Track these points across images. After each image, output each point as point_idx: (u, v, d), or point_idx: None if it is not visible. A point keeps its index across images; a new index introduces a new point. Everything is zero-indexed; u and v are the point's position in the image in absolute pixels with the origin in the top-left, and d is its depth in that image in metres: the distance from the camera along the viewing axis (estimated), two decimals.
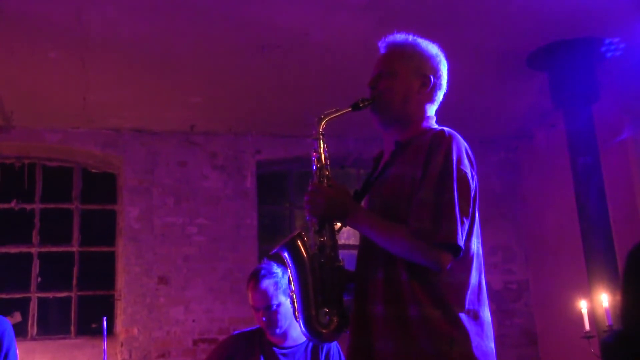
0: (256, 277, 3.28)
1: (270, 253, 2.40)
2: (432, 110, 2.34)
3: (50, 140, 6.54)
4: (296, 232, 2.29)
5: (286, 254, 2.26)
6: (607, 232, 5.38)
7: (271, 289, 3.24)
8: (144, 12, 4.70)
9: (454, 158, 2.07)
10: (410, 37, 2.36)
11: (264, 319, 3.27)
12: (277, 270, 3.30)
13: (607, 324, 4.90)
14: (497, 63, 5.63)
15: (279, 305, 3.25)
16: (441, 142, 2.10)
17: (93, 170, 6.90)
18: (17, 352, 3.45)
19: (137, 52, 5.22)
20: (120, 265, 6.57)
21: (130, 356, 6.24)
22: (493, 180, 7.37)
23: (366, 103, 2.29)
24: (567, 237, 6.44)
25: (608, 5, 4.81)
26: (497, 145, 7.51)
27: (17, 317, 6.32)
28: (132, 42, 5.07)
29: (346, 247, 6.39)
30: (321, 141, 2.31)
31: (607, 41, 5.28)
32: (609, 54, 5.37)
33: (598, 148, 5.50)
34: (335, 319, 2.19)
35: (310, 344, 3.31)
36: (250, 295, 3.31)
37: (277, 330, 3.28)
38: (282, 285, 3.27)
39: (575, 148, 5.55)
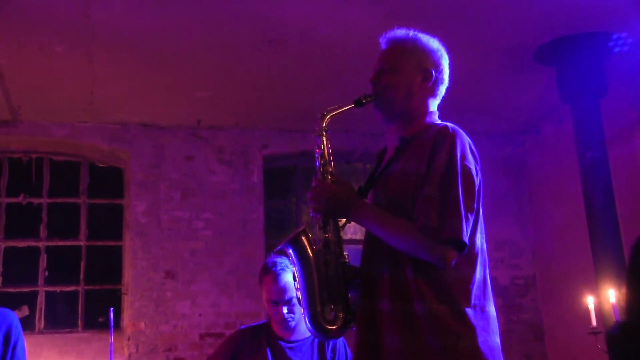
0: (274, 271, 3.27)
1: (274, 250, 2.40)
2: (434, 105, 2.35)
3: (58, 135, 6.57)
4: (301, 229, 2.29)
5: (291, 251, 2.26)
6: (615, 227, 5.37)
7: (291, 282, 3.25)
8: (151, 7, 4.71)
9: (458, 154, 2.08)
10: (411, 32, 2.36)
11: (284, 311, 3.26)
12: (291, 264, 3.31)
13: (614, 320, 4.89)
14: (504, 57, 5.61)
15: (297, 298, 3.25)
16: (445, 138, 2.11)
17: (100, 165, 6.92)
18: (25, 344, 3.47)
19: (145, 46, 5.22)
20: (127, 260, 6.59)
21: (137, 350, 6.27)
22: (500, 175, 7.35)
23: (369, 99, 2.29)
24: (574, 232, 6.42)
25: None
26: (503, 140, 7.49)
27: (25, 310, 6.35)
28: (139, 37, 5.08)
29: (352, 242, 6.41)
30: (324, 137, 2.31)
31: (615, 36, 5.26)
32: (616, 49, 5.35)
33: (605, 143, 5.48)
34: (341, 315, 2.19)
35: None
36: (268, 288, 3.29)
37: (292, 324, 3.29)
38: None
39: (582, 143, 5.53)
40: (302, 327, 3.29)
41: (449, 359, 2.00)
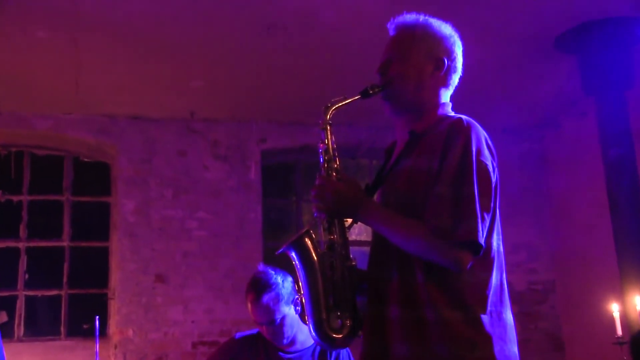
0: (255, 291, 3.27)
1: (276, 253, 2.40)
2: (447, 95, 2.34)
3: (40, 127, 6.57)
4: (304, 230, 2.28)
5: (293, 254, 2.26)
6: None
7: (272, 304, 3.25)
8: None
9: (474, 149, 2.07)
10: (421, 17, 2.34)
11: (268, 333, 3.29)
12: (277, 279, 3.29)
13: None
14: (522, 46, 5.60)
15: (283, 318, 3.26)
16: (459, 132, 2.10)
17: (85, 160, 6.93)
18: (4, 351, 3.51)
19: (134, 32, 5.22)
20: (114, 262, 6.61)
21: (124, 359, 6.27)
22: (517, 173, 7.34)
23: (376, 90, 2.28)
24: (597, 234, 6.42)
25: None
26: (521, 135, 7.49)
27: (3, 316, 6.36)
28: (129, 22, 5.08)
29: (357, 243, 6.40)
30: (328, 131, 2.31)
31: None
32: None
33: (632, 138, 5.47)
34: (347, 323, 2.19)
35: (319, 347, 3.32)
36: (250, 308, 3.32)
37: (284, 341, 3.32)
38: (284, 295, 3.27)
39: (607, 138, 5.53)
40: (302, 336, 3.31)
41: None
